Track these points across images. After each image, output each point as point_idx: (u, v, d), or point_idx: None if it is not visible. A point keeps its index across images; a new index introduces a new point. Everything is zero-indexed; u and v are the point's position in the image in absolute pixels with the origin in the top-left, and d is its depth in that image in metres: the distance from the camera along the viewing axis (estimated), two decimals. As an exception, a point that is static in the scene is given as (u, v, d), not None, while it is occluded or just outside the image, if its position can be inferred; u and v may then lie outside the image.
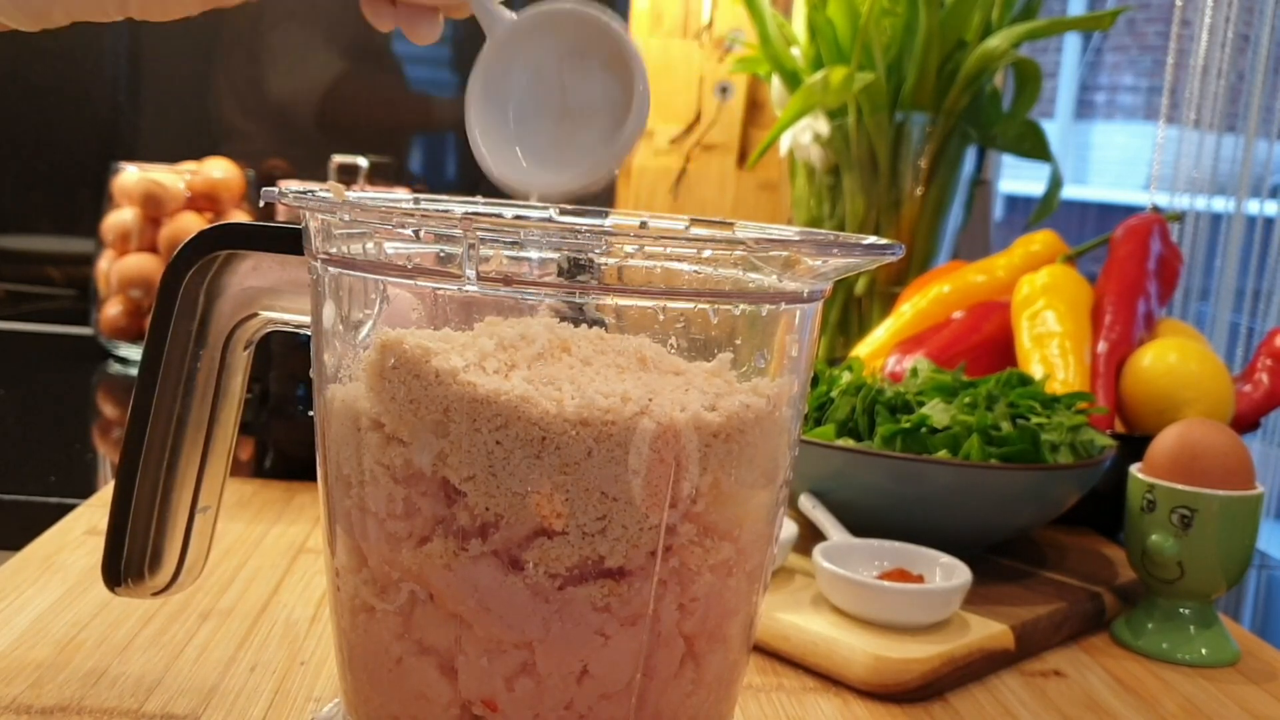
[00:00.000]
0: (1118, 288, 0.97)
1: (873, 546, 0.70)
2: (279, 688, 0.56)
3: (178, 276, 0.49)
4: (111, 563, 0.51)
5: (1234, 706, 0.63)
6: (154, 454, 0.50)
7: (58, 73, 1.53)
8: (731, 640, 0.45)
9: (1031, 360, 0.92)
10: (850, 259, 0.43)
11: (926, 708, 0.60)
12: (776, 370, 0.44)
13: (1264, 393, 0.94)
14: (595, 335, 0.43)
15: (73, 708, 0.52)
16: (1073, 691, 0.63)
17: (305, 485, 0.87)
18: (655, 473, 0.40)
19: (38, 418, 1.12)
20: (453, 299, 0.42)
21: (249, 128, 1.59)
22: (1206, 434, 0.70)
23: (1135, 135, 5.83)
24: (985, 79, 1.19)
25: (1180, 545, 0.68)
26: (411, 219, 0.41)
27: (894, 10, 1.16)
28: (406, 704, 0.43)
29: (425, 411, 0.40)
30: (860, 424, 0.78)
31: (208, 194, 1.35)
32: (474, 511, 0.40)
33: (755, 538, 0.44)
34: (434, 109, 1.66)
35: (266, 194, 0.45)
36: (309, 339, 0.47)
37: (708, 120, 1.55)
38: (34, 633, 0.60)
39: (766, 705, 0.59)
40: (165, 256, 1.32)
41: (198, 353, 0.50)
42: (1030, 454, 0.74)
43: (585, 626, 0.41)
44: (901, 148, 1.20)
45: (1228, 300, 2.67)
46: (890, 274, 1.21)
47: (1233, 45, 2.56)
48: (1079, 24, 1.48)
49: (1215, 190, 2.66)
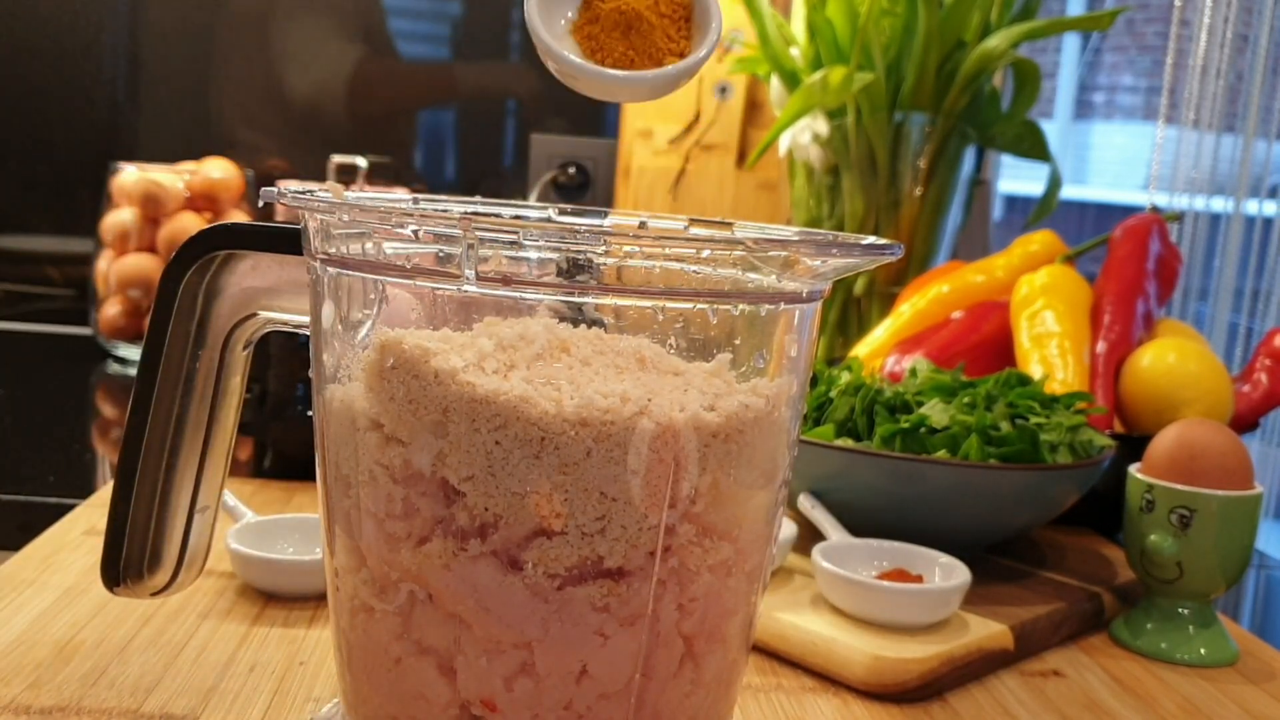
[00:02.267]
0: (1117, 288, 0.97)
1: (872, 546, 0.70)
2: (278, 688, 0.56)
3: (177, 276, 0.49)
4: (110, 563, 0.51)
5: (1233, 706, 0.63)
6: (153, 454, 0.50)
7: (57, 73, 1.53)
8: (730, 640, 0.45)
9: (1030, 360, 0.92)
10: (849, 259, 0.43)
11: (926, 708, 0.60)
12: (775, 370, 0.44)
13: (1263, 393, 0.94)
14: (594, 335, 0.43)
15: (71, 708, 0.52)
16: (1072, 691, 0.63)
17: (304, 485, 0.87)
18: (654, 473, 0.40)
19: (37, 418, 1.12)
20: (452, 299, 0.42)
21: (248, 128, 1.59)
22: (1205, 434, 0.70)
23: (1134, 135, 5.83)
24: (984, 79, 1.19)
25: (1179, 545, 0.68)
26: (410, 219, 0.41)
27: (893, 10, 1.16)
28: (405, 704, 0.43)
29: (424, 412, 0.40)
30: (859, 424, 0.78)
31: (207, 194, 1.35)
32: (473, 512, 0.40)
33: (754, 538, 0.44)
34: (434, 109, 1.66)
35: (265, 194, 0.45)
36: (308, 339, 0.47)
37: (707, 120, 1.55)
38: (33, 633, 0.59)
39: (765, 705, 0.59)
40: (164, 256, 1.32)
41: (197, 353, 0.50)
42: (1029, 454, 0.74)
43: (584, 626, 0.41)
44: (900, 148, 1.20)
45: (1226, 300, 2.67)
46: (889, 274, 1.21)
47: (1232, 45, 2.56)
48: (1078, 24, 1.48)
49: (1214, 190, 2.66)
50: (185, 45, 1.58)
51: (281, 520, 0.71)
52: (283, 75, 1.59)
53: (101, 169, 1.38)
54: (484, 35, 1.66)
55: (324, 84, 1.60)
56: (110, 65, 1.56)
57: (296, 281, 0.49)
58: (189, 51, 1.58)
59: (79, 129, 1.56)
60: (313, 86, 1.59)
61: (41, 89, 1.54)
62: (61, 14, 1.52)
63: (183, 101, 1.59)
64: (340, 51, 1.60)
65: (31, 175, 1.56)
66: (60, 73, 1.54)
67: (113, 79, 1.56)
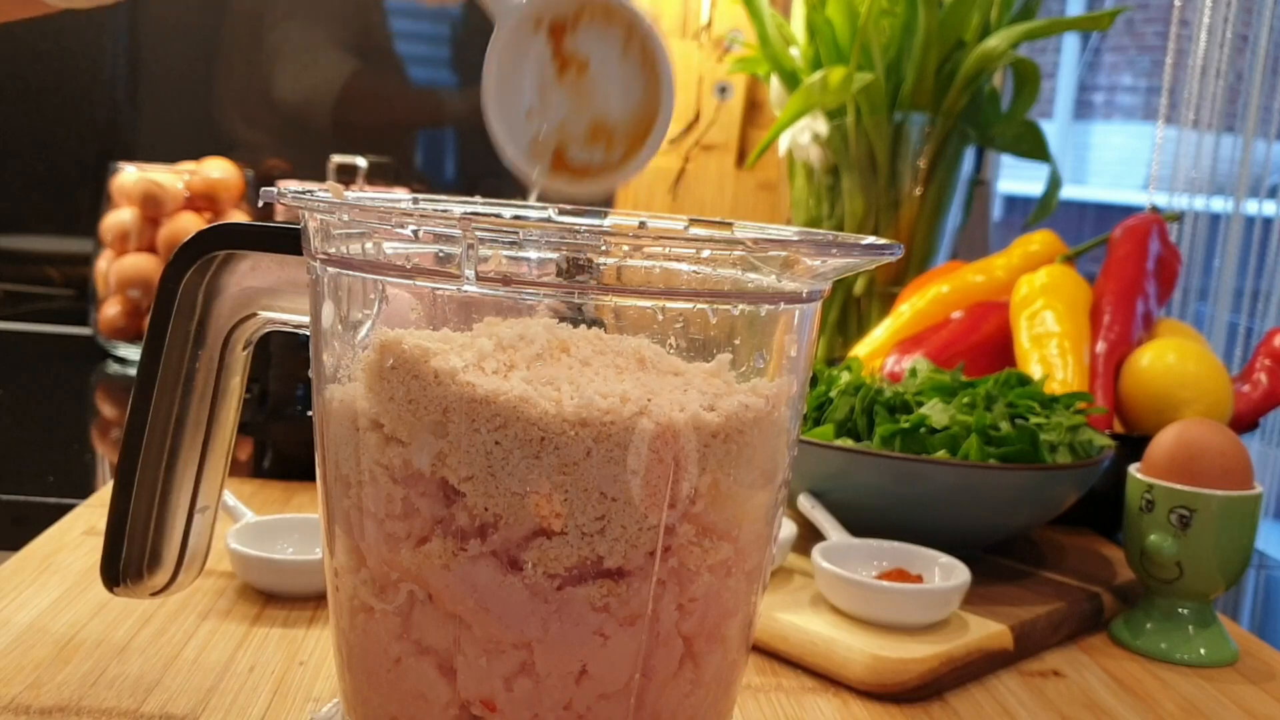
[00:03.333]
0: (1116, 288, 0.97)
1: (871, 546, 0.70)
2: (277, 688, 0.56)
3: (176, 276, 0.49)
4: (110, 563, 0.51)
5: (1232, 706, 0.63)
6: (153, 454, 0.50)
7: (57, 73, 1.53)
8: (730, 640, 0.45)
9: (1030, 360, 0.92)
10: (849, 259, 0.43)
11: (925, 708, 0.60)
12: (775, 370, 0.44)
13: (1262, 393, 0.94)
14: (594, 336, 0.43)
15: (71, 708, 0.52)
16: (1071, 691, 0.63)
17: (304, 485, 0.87)
18: (654, 473, 0.40)
19: (36, 418, 1.12)
20: (451, 299, 0.42)
21: (248, 128, 1.59)
22: (1205, 434, 0.70)
23: (1134, 135, 5.83)
24: (984, 79, 1.19)
25: (1179, 545, 0.68)
26: (410, 219, 0.41)
27: (893, 10, 1.16)
28: (405, 704, 0.43)
29: (424, 412, 0.40)
30: (859, 424, 0.78)
31: (206, 194, 1.35)
32: (473, 512, 0.40)
33: (754, 538, 0.44)
34: (434, 109, 1.66)
35: (265, 194, 0.45)
36: (308, 339, 0.47)
37: (706, 120, 1.55)
38: (32, 633, 0.59)
39: (765, 705, 0.59)
40: (164, 256, 1.32)
41: (196, 353, 0.50)
42: (1029, 454, 0.74)
43: (584, 626, 0.41)
44: (900, 148, 1.20)
45: (1226, 300, 2.67)
46: (889, 274, 1.21)
47: (1231, 45, 2.56)
48: (1077, 24, 1.47)
49: (1214, 190, 2.66)
50: (185, 45, 1.58)
51: (281, 520, 0.71)
52: (283, 75, 1.59)
53: (101, 169, 1.38)
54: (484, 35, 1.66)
55: (324, 84, 1.60)
56: (110, 65, 1.56)
57: (296, 281, 0.49)
58: (189, 51, 1.58)
59: (79, 129, 1.56)
60: (312, 86, 1.59)
61: (41, 89, 1.54)
62: (62, 15, 1.52)
63: (183, 101, 1.59)
64: (340, 52, 1.60)
65: (31, 175, 1.56)
66: (60, 73, 1.54)
67: (113, 79, 1.56)
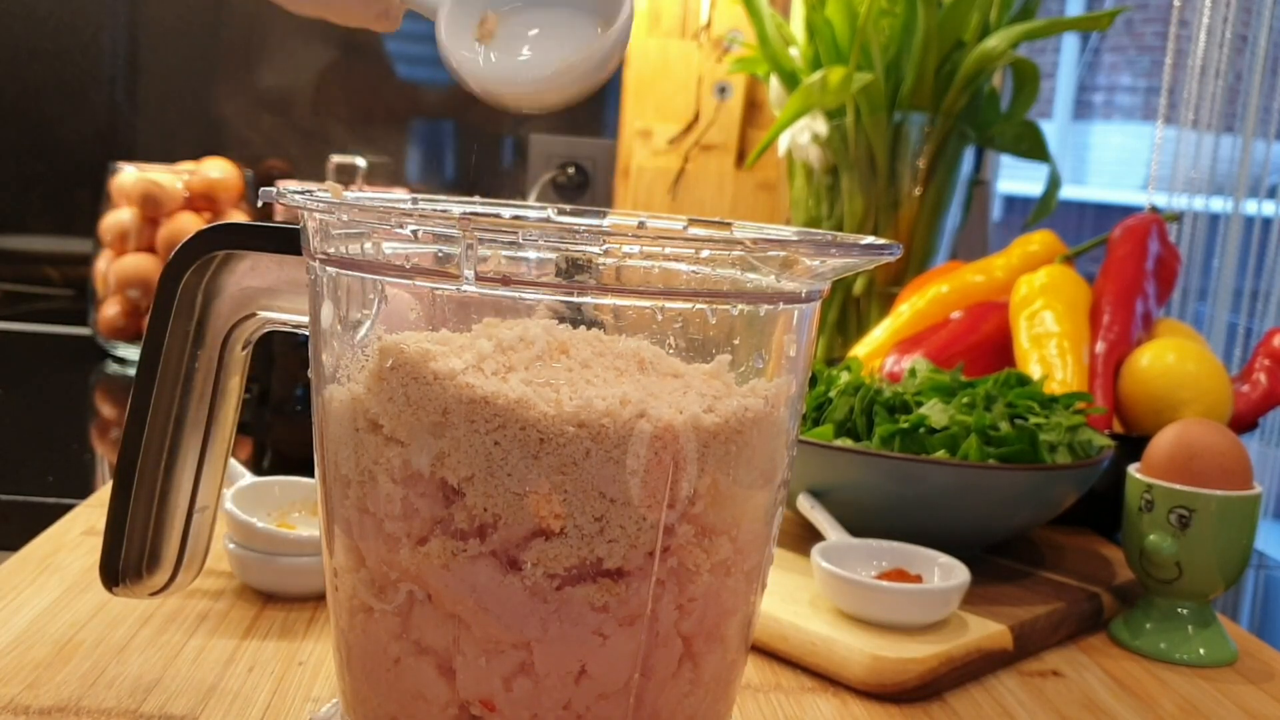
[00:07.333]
0: (1116, 288, 0.97)
1: (871, 546, 0.70)
2: (277, 688, 0.56)
3: (176, 276, 0.49)
4: (109, 563, 0.51)
5: (1232, 706, 0.63)
6: (152, 454, 0.50)
7: (56, 73, 1.53)
8: (729, 640, 0.45)
9: (1030, 360, 0.92)
10: (848, 259, 0.43)
11: (925, 708, 0.60)
12: (774, 370, 0.44)
13: (1262, 393, 0.94)
14: (594, 337, 0.43)
15: (70, 708, 0.52)
16: (1071, 691, 0.63)
17: (303, 485, 0.87)
18: (653, 474, 0.40)
19: (36, 418, 1.12)
20: (451, 299, 0.42)
21: (247, 128, 1.59)
22: (1204, 434, 0.70)
23: (1133, 135, 5.83)
24: (983, 79, 1.19)
25: (1178, 545, 0.68)
26: (409, 219, 0.41)
27: (892, 10, 1.16)
28: (405, 704, 0.43)
29: (424, 413, 0.40)
30: (858, 424, 0.78)
31: (206, 194, 1.35)
32: (472, 512, 0.40)
33: (753, 538, 0.44)
34: (433, 109, 1.66)
35: (264, 194, 0.45)
36: (307, 339, 0.47)
37: (706, 120, 1.55)
38: (32, 633, 0.59)
39: (765, 705, 0.59)
40: (163, 256, 1.32)
41: (195, 352, 0.50)
42: (1028, 454, 0.74)
43: (583, 626, 0.41)
44: (900, 148, 1.20)
45: (1226, 300, 2.67)
46: (888, 274, 1.21)
47: (1230, 45, 2.56)
48: (1077, 24, 1.47)
49: (1213, 190, 2.66)
50: (185, 45, 1.58)
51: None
52: (282, 75, 1.59)
53: (101, 169, 1.38)
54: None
55: (324, 84, 1.60)
56: (110, 65, 1.56)
57: (295, 281, 0.49)
58: (189, 51, 1.58)
59: (79, 129, 1.56)
60: (312, 86, 1.59)
61: (41, 89, 1.54)
62: (61, 14, 1.52)
63: (182, 101, 1.59)
64: (340, 52, 1.60)
65: (31, 175, 1.56)
66: (60, 73, 1.54)
67: (112, 79, 1.56)
